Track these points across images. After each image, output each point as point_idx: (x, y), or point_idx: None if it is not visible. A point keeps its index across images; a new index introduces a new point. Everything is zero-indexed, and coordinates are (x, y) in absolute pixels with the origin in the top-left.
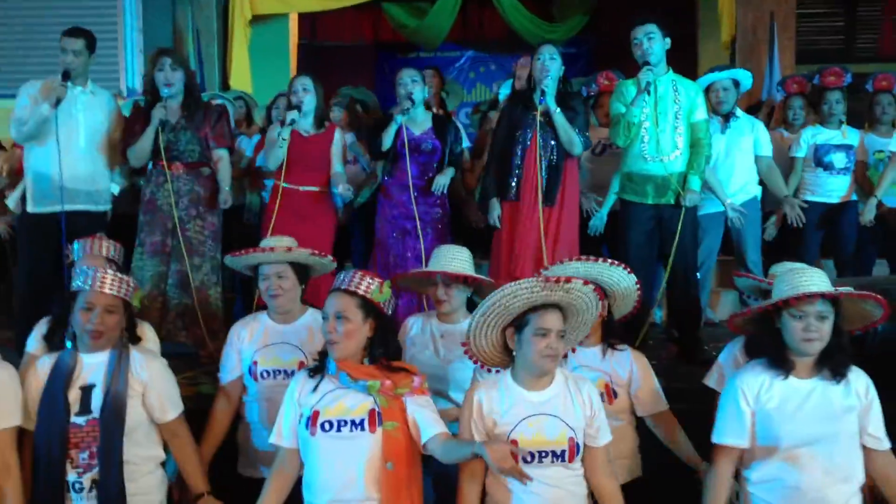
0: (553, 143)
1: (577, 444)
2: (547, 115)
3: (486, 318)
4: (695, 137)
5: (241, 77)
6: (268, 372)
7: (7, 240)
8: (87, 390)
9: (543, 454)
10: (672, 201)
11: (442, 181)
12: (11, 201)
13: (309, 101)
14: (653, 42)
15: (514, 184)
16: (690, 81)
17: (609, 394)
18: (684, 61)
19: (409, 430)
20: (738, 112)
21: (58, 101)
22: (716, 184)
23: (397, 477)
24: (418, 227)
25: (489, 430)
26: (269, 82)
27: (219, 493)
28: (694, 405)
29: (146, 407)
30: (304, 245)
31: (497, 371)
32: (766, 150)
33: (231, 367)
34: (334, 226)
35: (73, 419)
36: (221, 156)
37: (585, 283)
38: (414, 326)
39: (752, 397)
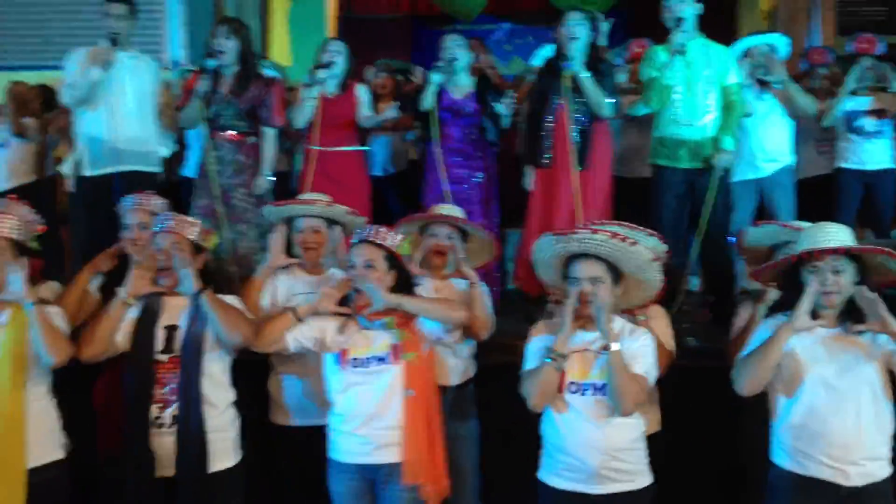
0: (582, 108)
1: None
2: (575, 80)
3: (541, 273)
4: (728, 100)
5: (281, 50)
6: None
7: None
8: (171, 330)
9: (585, 387)
10: (704, 165)
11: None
12: (66, 167)
13: (340, 63)
14: (684, 5)
15: (545, 151)
16: (722, 46)
17: None
18: (723, 31)
19: (426, 360)
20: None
21: (107, 65)
22: None
23: (417, 403)
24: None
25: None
26: (308, 55)
27: (252, 440)
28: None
29: None
30: None
31: None
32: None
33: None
34: (369, 191)
35: (157, 356)
36: (265, 133)
37: (595, 231)
38: None
39: None
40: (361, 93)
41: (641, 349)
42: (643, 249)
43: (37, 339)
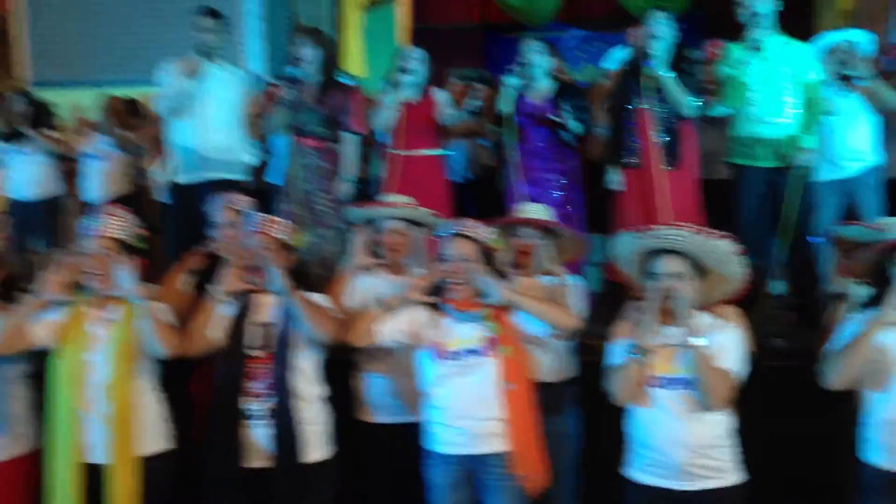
0: (666, 107)
1: None
2: (657, 79)
3: (622, 269)
4: (809, 97)
5: (356, 62)
6: None
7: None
8: (264, 326)
9: (670, 381)
10: (784, 163)
11: (573, 125)
12: (159, 175)
13: (419, 69)
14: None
15: (631, 151)
16: (802, 42)
17: None
18: (801, 31)
19: (523, 353)
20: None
21: (198, 76)
22: None
23: (517, 396)
24: (547, 191)
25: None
26: (381, 66)
27: (338, 434)
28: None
29: None
30: None
31: None
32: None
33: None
34: (450, 195)
35: (252, 353)
36: (346, 139)
37: (675, 226)
38: None
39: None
40: (439, 95)
41: (727, 343)
42: (725, 243)
43: (147, 333)
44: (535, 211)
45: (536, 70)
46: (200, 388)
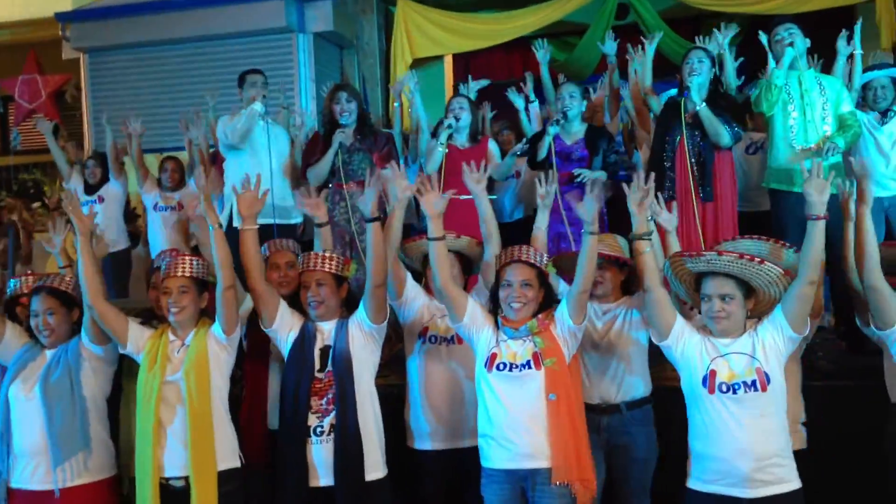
0: (700, 140)
1: (766, 374)
2: (694, 114)
3: (674, 289)
4: (844, 124)
5: (403, 119)
6: (436, 337)
7: None
8: (325, 350)
9: (737, 386)
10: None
11: (586, 173)
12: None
13: (465, 117)
14: (794, 37)
15: (667, 183)
16: (834, 77)
17: None
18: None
19: (565, 365)
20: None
21: (263, 99)
22: None
23: (558, 407)
24: (568, 231)
25: None
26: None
27: (392, 465)
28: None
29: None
30: None
31: None
32: None
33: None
34: None
35: (316, 374)
36: (386, 176)
37: (721, 252)
38: None
39: None
40: (493, 147)
41: (776, 331)
42: (771, 267)
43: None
44: (607, 246)
45: (570, 113)
46: (247, 414)
